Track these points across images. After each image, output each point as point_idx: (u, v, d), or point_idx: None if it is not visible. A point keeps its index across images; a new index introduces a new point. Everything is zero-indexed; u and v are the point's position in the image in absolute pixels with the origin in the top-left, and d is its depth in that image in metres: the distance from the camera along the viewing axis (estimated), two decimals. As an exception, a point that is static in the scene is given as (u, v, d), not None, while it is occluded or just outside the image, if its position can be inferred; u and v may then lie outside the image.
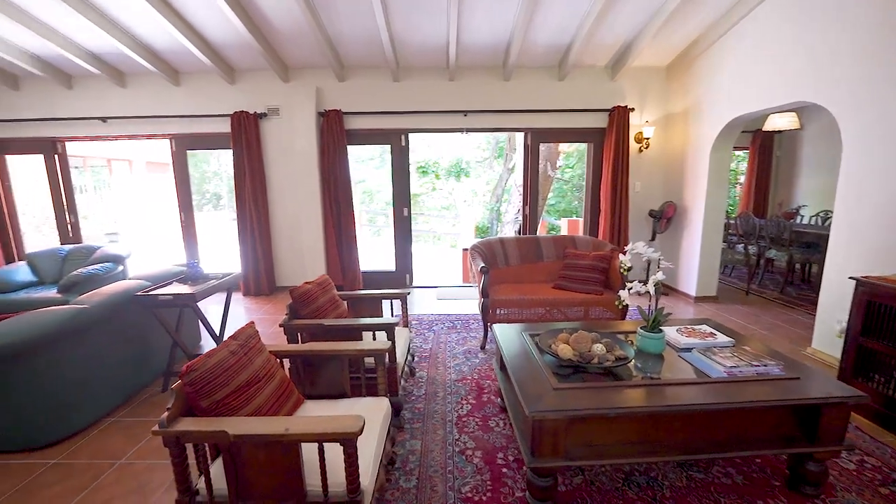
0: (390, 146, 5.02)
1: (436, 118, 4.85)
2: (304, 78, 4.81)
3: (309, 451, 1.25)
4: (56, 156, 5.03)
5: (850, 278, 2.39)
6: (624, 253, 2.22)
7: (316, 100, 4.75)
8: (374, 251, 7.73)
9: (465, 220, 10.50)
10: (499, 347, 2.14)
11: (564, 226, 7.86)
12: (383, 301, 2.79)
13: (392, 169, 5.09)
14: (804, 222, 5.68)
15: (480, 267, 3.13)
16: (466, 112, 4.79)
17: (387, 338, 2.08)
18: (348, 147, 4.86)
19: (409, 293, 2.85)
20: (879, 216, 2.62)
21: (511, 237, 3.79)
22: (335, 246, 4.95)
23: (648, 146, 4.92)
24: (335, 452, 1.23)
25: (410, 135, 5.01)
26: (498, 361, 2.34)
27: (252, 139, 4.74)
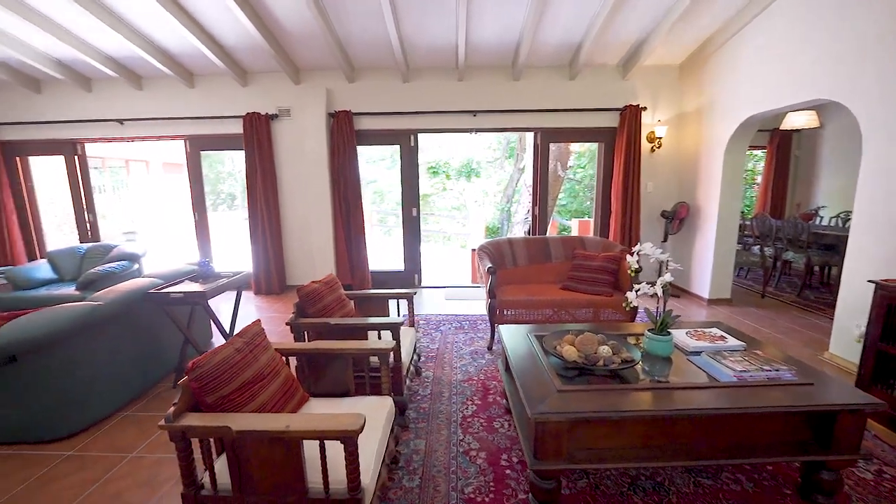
0: (399, 146, 5.04)
1: (445, 118, 4.85)
2: (315, 79, 4.86)
3: (311, 448, 1.26)
4: (76, 157, 5.19)
5: (870, 281, 2.31)
6: (631, 254, 2.19)
7: (326, 101, 4.79)
8: (385, 251, 7.77)
9: (476, 221, 10.48)
10: (504, 348, 2.13)
11: (575, 226, 7.79)
12: (391, 301, 2.81)
13: (401, 169, 5.11)
14: (824, 223, 5.53)
15: (488, 267, 3.12)
16: (476, 112, 4.78)
17: (391, 337, 2.09)
18: (358, 147, 4.89)
19: (416, 293, 2.86)
20: (901, 217, 2.53)
21: (519, 237, 3.76)
22: (344, 246, 4.99)
23: (661, 146, 4.84)
24: (337, 450, 1.24)
25: (420, 135, 5.02)
26: (503, 363, 2.33)
27: (263, 140, 4.81)
